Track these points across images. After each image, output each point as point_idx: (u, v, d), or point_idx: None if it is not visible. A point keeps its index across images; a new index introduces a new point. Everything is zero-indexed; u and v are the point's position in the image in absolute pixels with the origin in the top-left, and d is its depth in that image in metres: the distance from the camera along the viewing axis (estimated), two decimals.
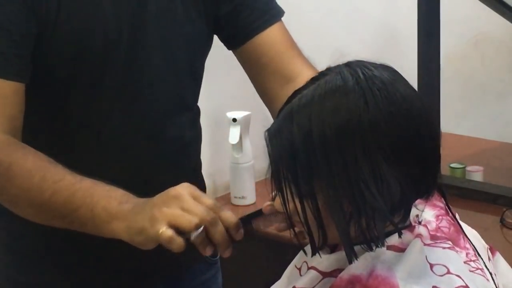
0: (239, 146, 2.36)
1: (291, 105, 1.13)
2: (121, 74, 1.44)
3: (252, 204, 2.36)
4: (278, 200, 1.17)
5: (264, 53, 1.54)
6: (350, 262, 1.12)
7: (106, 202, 1.25)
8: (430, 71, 2.28)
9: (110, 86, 1.44)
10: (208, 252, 1.20)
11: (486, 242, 1.27)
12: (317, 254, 1.17)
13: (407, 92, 1.12)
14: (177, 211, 1.18)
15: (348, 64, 1.14)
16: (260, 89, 1.58)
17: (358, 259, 1.12)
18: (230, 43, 1.58)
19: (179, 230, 1.18)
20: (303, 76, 1.50)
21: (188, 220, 1.17)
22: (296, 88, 1.45)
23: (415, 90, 1.15)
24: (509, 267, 1.28)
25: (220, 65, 1.62)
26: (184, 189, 1.22)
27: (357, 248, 1.12)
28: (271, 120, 2.91)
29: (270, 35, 1.54)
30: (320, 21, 2.71)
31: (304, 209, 1.12)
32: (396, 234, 1.13)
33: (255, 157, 2.42)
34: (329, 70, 1.16)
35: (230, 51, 1.63)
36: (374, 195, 1.07)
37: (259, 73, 1.55)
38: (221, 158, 2.43)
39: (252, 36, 1.54)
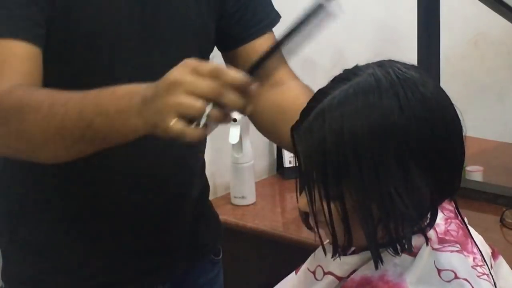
0: (239, 146, 2.36)
1: (323, 104, 1.11)
2: (134, 66, 1.44)
3: (252, 204, 2.36)
4: (303, 200, 1.15)
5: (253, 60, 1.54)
6: (377, 267, 1.10)
7: (117, 104, 1.19)
8: (430, 71, 2.28)
9: (123, 77, 1.43)
10: (229, 119, 1.13)
11: (486, 242, 1.27)
12: (330, 258, 1.17)
13: (440, 96, 1.11)
14: (180, 98, 1.10)
15: (380, 64, 1.13)
16: None
17: (371, 261, 1.11)
18: (224, 45, 1.58)
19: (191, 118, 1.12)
20: (289, 83, 1.51)
21: (192, 106, 1.10)
22: (284, 90, 1.44)
23: (444, 91, 1.14)
24: (511, 271, 1.27)
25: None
26: (181, 70, 1.14)
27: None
28: None
29: (262, 43, 1.54)
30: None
31: (331, 210, 1.11)
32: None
33: (255, 157, 2.42)
34: (358, 69, 1.14)
35: None
36: (404, 202, 1.06)
37: None
38: (221, 158, 2.43)
39: (247, 42, 1.54)
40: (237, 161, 2.38)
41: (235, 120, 2.36)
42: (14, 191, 1.51)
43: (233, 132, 2.35)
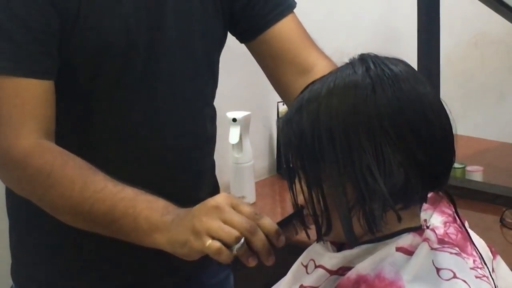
0: (239, 146, 2.36)
1: (302, 95, 1.15)
2: (142, 71, 1.44)
3: (252, 204, 2.36)
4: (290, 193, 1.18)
5: (280, 44, 1.54)
6: (352, 247, 1.13)
7: (148, 214, 1.25)
8: (430, 71, 2.28)
9: (131, 83, 1.44)
10: (252, 263, 1.19)
11: (486, 242, 1.27)
12: (323, 253, 1.18)
13: (418, 84, 1.13)
14: (217, 223, 1.17)
15: (361, 57, 1.16)
16: (275, 80, 1.58)
17: (366, 259, 1.12)
18: (245, 36, 1.58)
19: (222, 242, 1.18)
20: (319, 66, 1.51)
21: (228, 233, 1.16)
22: (313, 79, 1.46)
23: (428, 84, 1.15)
24: (510, 271, 1.27)
25: (220, 66, 1.63)
26: (223, 199, 1.20)
27: (365, 247, 1.14)
28: (271, 120, 2.92)
29: (284, 26, 1.55)
30: (320, 21, 2.71)
31: (312, 196, 1.13)
32: (407, 236, 1.14)
33: (255, 157, 2.42)
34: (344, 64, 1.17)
35: (230, 52, 1.63)
36: (376, 180, 1.08)
37: (274, 64, 1.56)
38: (221, 158, 2.43)
39: (267, 28, 1.54)
40: (237, 161, 2.37)
41: (235, 120, 2.36)
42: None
43: (233, 132, 2.35)
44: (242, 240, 1.17)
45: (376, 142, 1.09)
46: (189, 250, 1.20)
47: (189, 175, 1.54)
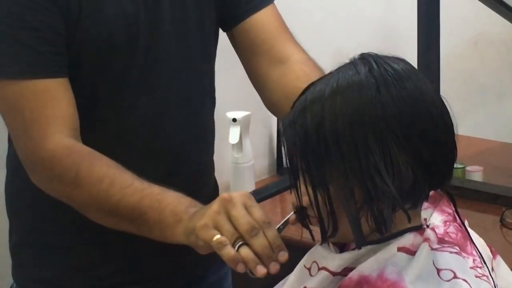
0: (239, 146, 2.36)
1: (305, 96, 1.15)
2: (143, 64, 1.45)
3: None
4: (294, 194, 1.18)
5: (257, 34, 1.55)
6: (359, 248, 1.12)
7: (174, 207, 1.26)
8: (430, 71, 2.28)
9: (134, 76, 1.45)
10: (259, 271, 1.17)
11: (486, 242, 1.27)
12: (326, 255, 1.18)
13: (420, 82, 1.13)
14: (222, 217, 1.17)
15: (362, 56, 1.16)
16: (249, 70, 1.59)
17: (368, 259, 1.12)
18: (224, 25, 1.59)
19: None
20: (294, 58, 1.52)
21: (227, 230, 1.17)
22: (287, 70, 1.45)
23: (429, 82, 1.16)
24: (509, 270, 1.27)
25: (220, 66, 1.63)
26: (239, 196, 1.20)
27: (370, 247, 1.13)
28: (271, 120, 2.91)
29: (263, 17, 1.55)
30: (320, 21, 2.71)
31: (317, 198, 1.13)
32: (408, 236, 1.14)
33: (255, 157, 2.42)
34: (344, 64, 1.17)
35: (230, 52, 1.63)
36: (384, 180, 1.08)
37: (251, 54, 1.56)
38: (221, 158, 2.43)
39: (246, 17, 1.55)
40: (237, 161, 2.38)
41: (235, 120, 2.36)
42: (26, 192, 1.51)
43: (233, 132, 2.35)
44: (240, 242, 1.16)
45: (383, 143, 1.08)
46: (195, 239, 1.20)
47: (191, 166, 1.55)
